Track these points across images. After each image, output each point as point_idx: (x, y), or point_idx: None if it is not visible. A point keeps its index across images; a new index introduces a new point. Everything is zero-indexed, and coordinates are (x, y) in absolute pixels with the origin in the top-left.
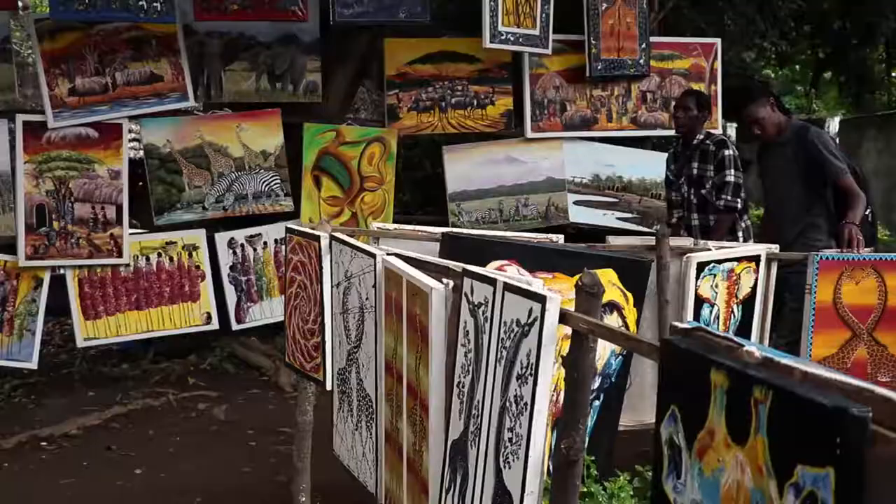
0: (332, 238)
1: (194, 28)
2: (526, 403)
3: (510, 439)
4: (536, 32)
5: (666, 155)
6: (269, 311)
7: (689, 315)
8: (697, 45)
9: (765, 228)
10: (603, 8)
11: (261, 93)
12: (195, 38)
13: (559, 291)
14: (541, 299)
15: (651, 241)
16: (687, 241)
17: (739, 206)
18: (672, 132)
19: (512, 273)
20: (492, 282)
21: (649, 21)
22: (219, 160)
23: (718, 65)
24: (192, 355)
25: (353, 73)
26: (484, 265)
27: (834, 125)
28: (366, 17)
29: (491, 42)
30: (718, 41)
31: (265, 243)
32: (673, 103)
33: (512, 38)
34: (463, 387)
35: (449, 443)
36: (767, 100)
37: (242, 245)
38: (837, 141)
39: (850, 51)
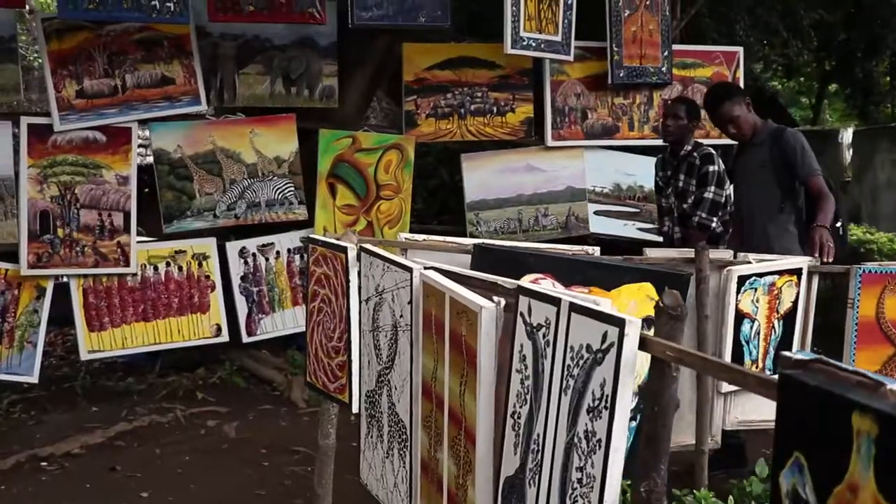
0: (361, 249)
1: (208, 29)
2: (600, 440)
3: (579, 480)
4: (558, 38)
5: None
6: (281, 322)
7: (730, 331)
8: (720, 54)
9: (734, 232)
10: (626, 14)
11: (275, 97)
12: (208, 40)
13: None
14: (618, 323)
15: (690, 253)
16: (726, 254)
17: (714, 225)
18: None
19: (547, 287)
20: (555, 302)
21: (671, 28)
22: (231, 166)
23: (741, 74)
24: (200, 369)
25: (370, 78)
26: (517, 278)
27: (847, 136)
28: (385, 20)
29: (512, 48)
30: (741, 50)
31: (278, 253)
32: (661, 110)
33: (533, 44)
34: (519, 417)
35: (501, 479)
36: (743, 99)
37: (254, 254)
38: (851, 152)
39: (856, 63)
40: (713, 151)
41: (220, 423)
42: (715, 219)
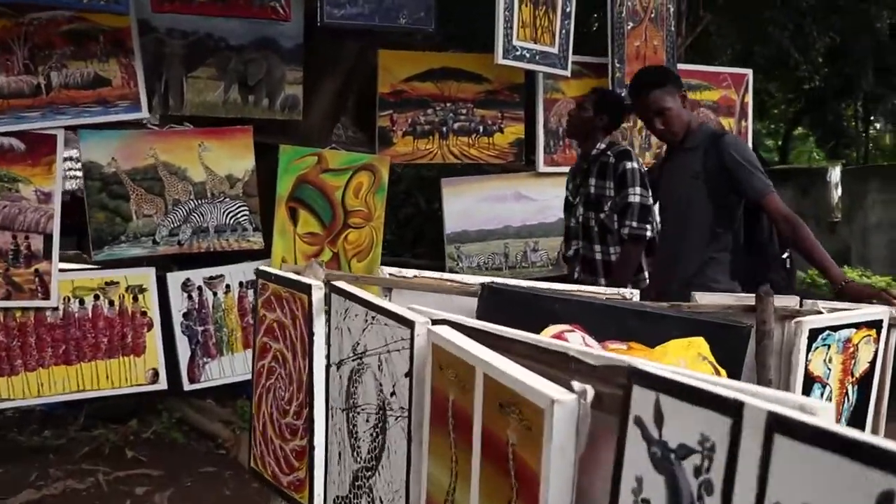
0: (332, 289)
1: (152, 24)
2: None
3: None
4: (555, 50)
5: None
6: (229, 368)
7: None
8: (727, 76)
9: (656, 260)
10: (629, 27)
11: (229, 106)
12: (153, 37)
13: None
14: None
15: (749, 299)
16: (792, 301)
17: (649, 234)
18: None
19: (577, 342)
20: (722, 406)
21: (676, 45)
22: (175, 185)
23: (749, 98)
24: (132, 421)
25: (340, 88)
26: (539, 329)
27: (835, 175)
28: (360, 19)
29: (504, 58)
30: (750, 72)
31: (228, 287)
32: None
33: (527, 55)
34: None
35: None
36: (679, 91)
37: (200, 288)
38: (840, 192)
39: (828, 105)
40: (630, 149)
41: (150, 491)
42: (648, 226)
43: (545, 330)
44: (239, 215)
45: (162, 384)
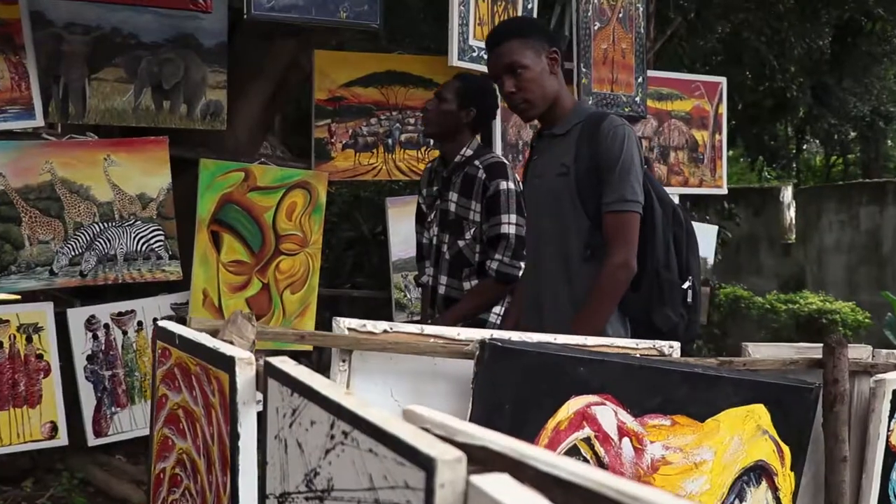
0: (269, 371)
1: (48, 16)
2: None
3: None
4: None
5: None
6: (142, 419)
7: (875, 480)
8: (700, 84)
9: (519, 287)
10: (595, 27)
11: (140, 113)
12: (49, 31)
13: (690, 454)
14: None
15: (813, 351)
16: (863, 352)
17: (521, 274)
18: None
19: (608, 420)
20: None
21: (646, 50)
22: (76, 205)
23: (724, 109)
24: (27, 482)
25: (270, 93)
26: (560, 401)
27: (787, 195)
28: (294, 13)
29: (459, 59)
30: (724, 80)
31: (140, 324)
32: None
33: (485, 56)
34: None
35: None
36: (548, 49)
37: (107, 326)
38: (793, 212)
39: (763, 124)
40: (506, 162)
41: None
42: (521, 263)
43: (568, 403)
44: (152, 241)
45: (62, 439)
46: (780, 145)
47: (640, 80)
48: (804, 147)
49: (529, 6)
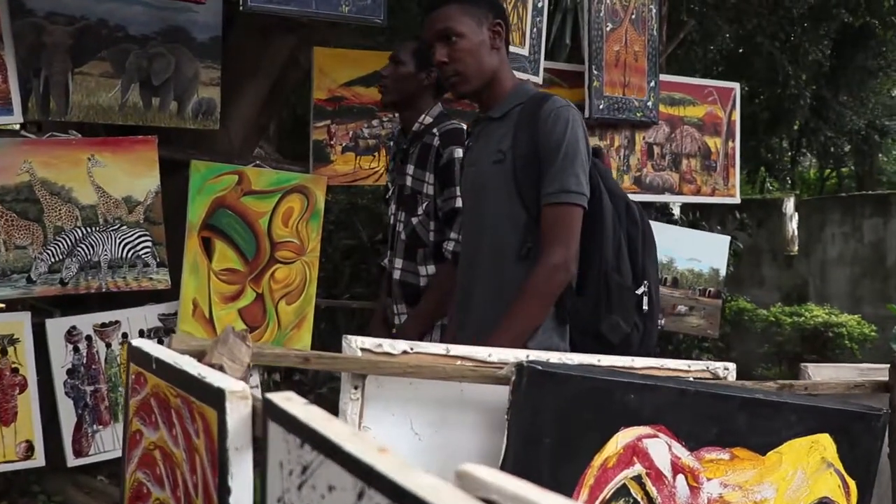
0: (270, 412)
1: (28, 5)
2: None
3: None
4: (525, 52)
5: (671, 229)
6: None
7: None
8: (713, 90)
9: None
10: (608, 28)
11: (128, 110)
12: (29, 21)
13: (750, 491)
14: None
15: (879, 373)
16: None
17: None
18: (676, 198)
19: (661, 455)
20: None
21: (659, 53)
22: (57, 208)
23: (737, 116)
24: None
25: (266, 92)
26: (608, 434)
27: (790, 207)
28: (293, 5)
29: None
30: (737, 86)
31: (125, 336)
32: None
33: None
34: None
35: None
36: (490, 20)
37: (89, 338)
38: (796, 223)
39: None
40: (463, 127)
41: None
42: None
43: (617, 435)
44: (139, 247)
45: (38, 460)
46: (777, 158)
47: (652, 83)
48: (800, 160)
49: (540, 4)
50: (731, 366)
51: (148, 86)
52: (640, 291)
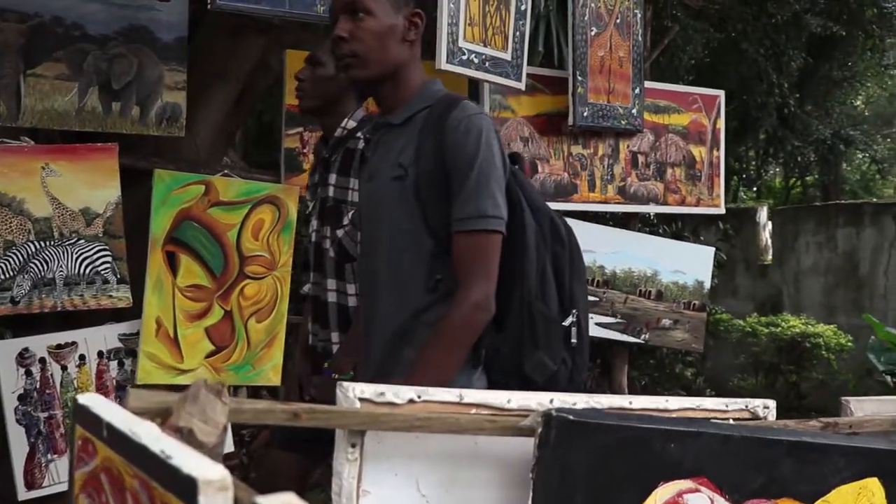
0: None
1: None
2: None
3: None
4: (507, 56)
5: (655, 240)
6: None
7: None
8: (698, 97)
9: (354, 322)
10: (592, 33)
11: (86, 116)
12: None
13: None
14: None
15: None
16: None
17: None
18: (660, 209)
19: None
20: None
21: (644, 59)
22: (7, 221)
23: (722, 124)
24: None
25: (235, 97)
26: (646, 490)
27: (763, 216)
28: (264, 4)
29: (448, 62)
30: (722, 93)
31: (82, 358)
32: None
33: (476, 60)
34: None
35: None
36: (410, 9)
37: (43, 360)
38: (769, 233)
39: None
40: None
41: None
42: None
43: (656, 492)
44: (98, 262)
45: None
46: (744, 167)
47: (637, 90)
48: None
49: (523, 7)
50: (771, 403)
51: (108, 89)
52: (567, 322)
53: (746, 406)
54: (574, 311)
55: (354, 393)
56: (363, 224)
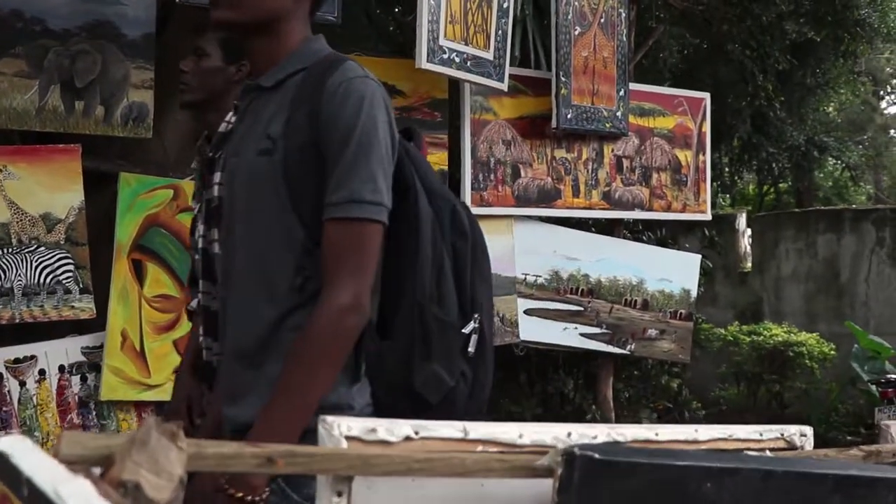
0: None
1: None
2: None
3: None
4: (490, 56)
5: (641, 248)
6: None
7: None
8: (683, 99)
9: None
10: (576, 32)
11: (46, 115)
12: None
13: None
14: None
15: None
16: None
17: None
18: (645, 215)
19: None
20: None
21: (629, 60)
22: None
23: (707, 127)
24: None
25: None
26: None
27: (742, 222)
28: None
29: (428, 61)
30: (707, 96)
31: (42, 373)
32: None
33: (457, 60)
34: None
35: None
36: None
37: (0, 376)
38: (748, 239)
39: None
40: None
41: None
42: None
43: None
44: (59, 271)
45: None
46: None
47: (621, 92)
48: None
49: (506, 5)
50: (808, 431)
51: (70, 87)
52: (468, 329)
53: (782, 434)
54: (476, 315)
55: (340, 430)
56: (224, 209)
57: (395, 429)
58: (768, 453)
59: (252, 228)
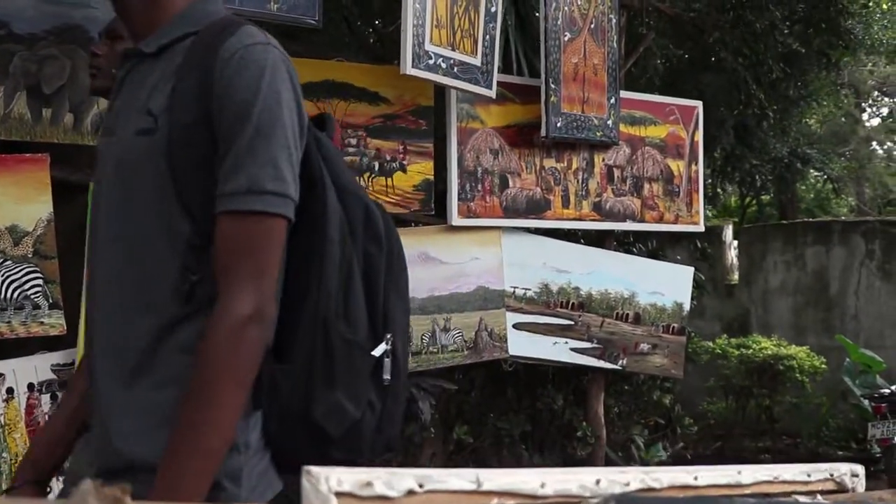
0: None
1: None
2: None
3: None
4: (477, 62)
5: (632, 260)
6: None
7: None
8: (675, 108)
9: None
10: (566, 38)
11: (12, 124)
12: None
13: None
14: None
15: None
16: None
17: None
18: (637, 227)
19: None
20: None
21: (619, 67)
22: None
23: (700, 137)
24: None
25: None
26: None
27: (728, 234)
28: None
29: (413, 67)
30: (700, 104)
31: (10, 391)
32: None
33: (444, 65)
34: None
35: None
36: None
37: None
38: (735, 251)
39: None
40: None
41: None
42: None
43: None
44: (27, 286)
45: None
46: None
47: (612, 100)
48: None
49: (493, 9)
50: (860, 470)
51: (37, 94)
52: (379, 351)
53: (831, 475)
54: (389, 335)
55: (329, 485)
56: (93, 200)
57: (395, 481)
58: (819, 498)
59: (125, 223)
